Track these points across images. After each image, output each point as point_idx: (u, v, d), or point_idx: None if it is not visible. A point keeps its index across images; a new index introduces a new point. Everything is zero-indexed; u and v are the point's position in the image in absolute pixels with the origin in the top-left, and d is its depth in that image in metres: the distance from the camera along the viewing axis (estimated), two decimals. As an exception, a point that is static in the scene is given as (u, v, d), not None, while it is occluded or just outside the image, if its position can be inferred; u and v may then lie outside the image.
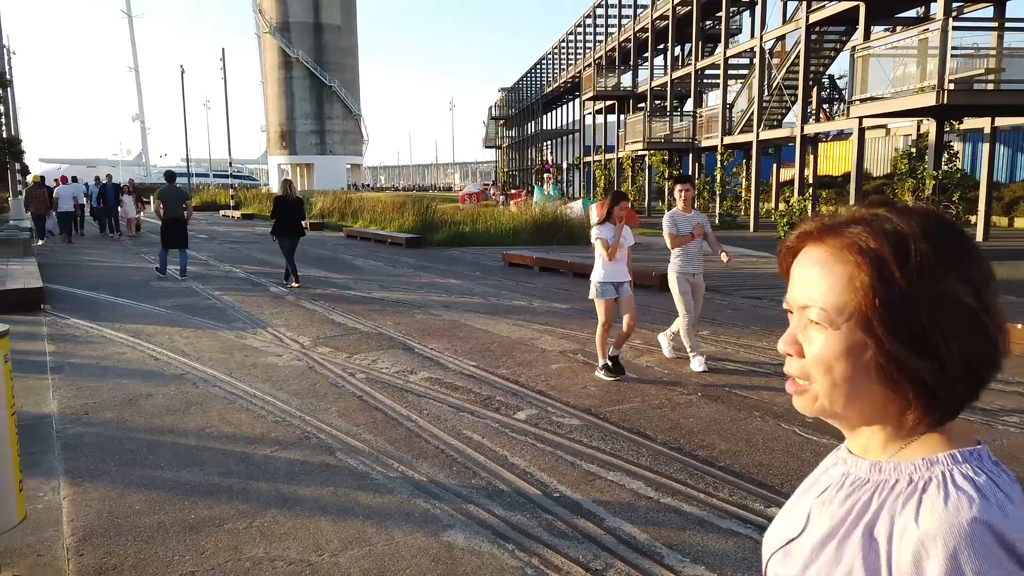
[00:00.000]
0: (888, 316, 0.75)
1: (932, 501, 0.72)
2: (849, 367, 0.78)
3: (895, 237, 0.76)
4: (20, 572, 3.12)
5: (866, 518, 0.77)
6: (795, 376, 0.83)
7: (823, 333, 0.79)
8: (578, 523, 3.55)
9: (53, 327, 8.50)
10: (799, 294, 0.82)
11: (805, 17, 20.39)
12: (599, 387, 5.94)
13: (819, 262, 0.81)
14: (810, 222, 0.84)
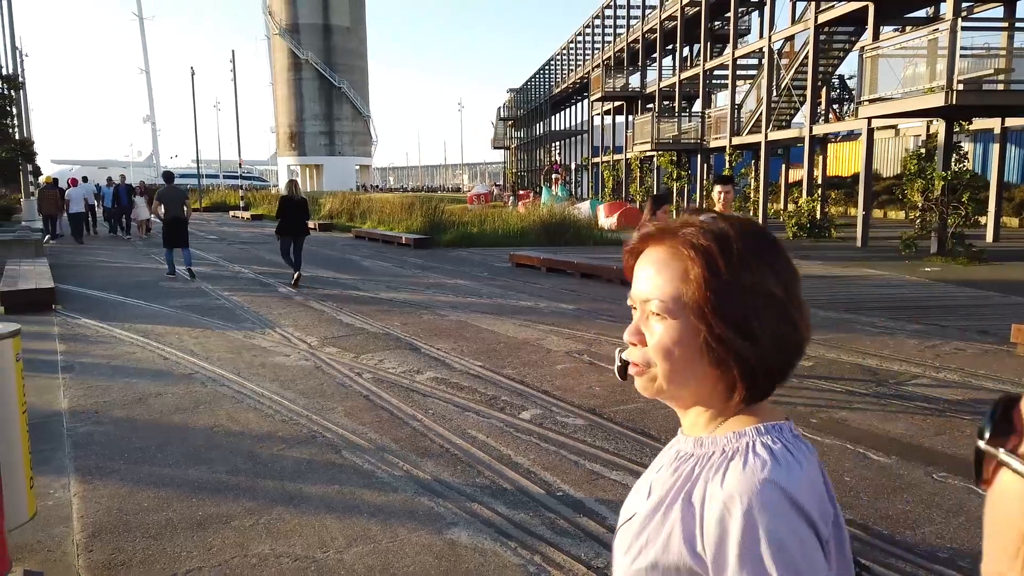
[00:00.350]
0: (717, 303, 0.87)
1: (735, 467, 0.85)
2: (685, 351, 0.89)
3: (720, 236, 0.89)
4: (31, 567, 3.17)
5: (687, 487, 0.88)
6: (638, 362, 0.93)
7: (663, 323, 0.90)
8: (580, 521, 3.58)
9: (64, 327, 8.59)
10: (642, 289, 0.93)
11: (814, 17, 20.34)
12: (604, 387, 5.96)
13: (658, 260, 0.92)
14: (650, 226, 0.95)
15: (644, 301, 0.93)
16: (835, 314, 9.16)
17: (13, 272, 11.61)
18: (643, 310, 0.93)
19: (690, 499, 0.87)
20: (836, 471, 4.21)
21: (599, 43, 43.04)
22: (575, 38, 47.73)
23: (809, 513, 0.81)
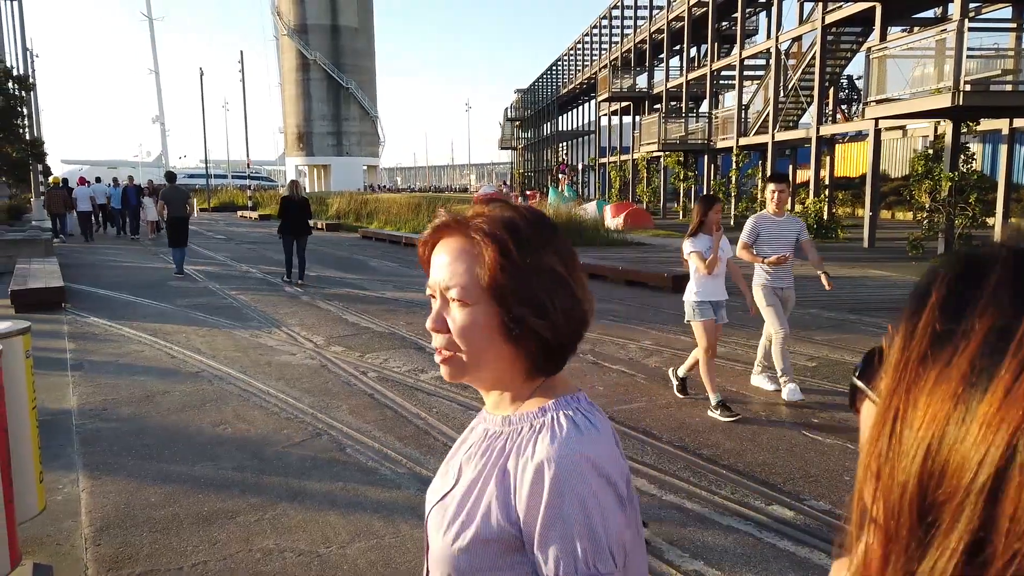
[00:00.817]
0: (513, 285, 0.95)
1: (543, 438, 0.94)
2: (486, 333, 0.96)
3: (510, 224, 0.97)
4: (40, 560, 3.23)
5: (501, 461, 0.97)
6: (442, 348, 0.99)
7: (463, 308, 0.96)
8: (581, 519, 3.62)
9: (73, 325, 8.68)
10: (440, 277, 0.98)
11: (821, 18, 20.32)
12: (607, 387, 6.00)
13: (454, 249, 0.98)
14: (443, 217, 1.01)
15: (444, 289, 0.98)
16: (839, 315, 9.16)
17: (23, 271, 11.72)
18: (443, 297, 0.99)
19: (504, 471, 0.96)
20: (837, 470, 4.23)
21: (606, 44, 43.05)
22: (583, 39, 47.76)
23: (610, 475, 0.92)
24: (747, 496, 3.88)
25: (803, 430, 4.92)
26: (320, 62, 75.44)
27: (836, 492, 3.93)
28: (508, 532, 0.93)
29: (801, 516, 3.66)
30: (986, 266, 0.47)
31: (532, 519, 0.91)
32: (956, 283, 0.47)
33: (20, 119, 27.05)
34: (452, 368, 1.00)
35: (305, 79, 76.89)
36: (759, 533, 3.47)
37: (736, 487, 4.00)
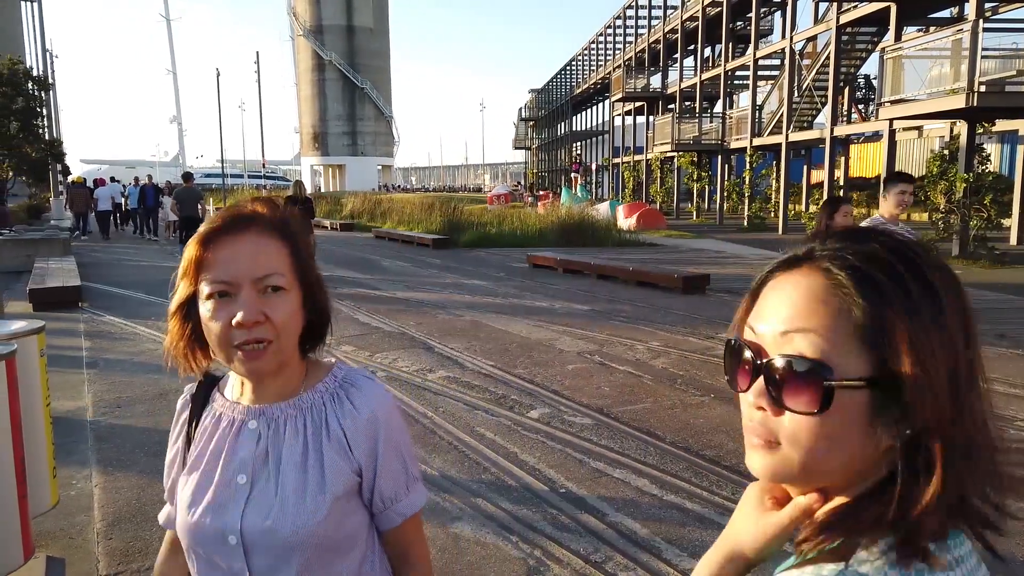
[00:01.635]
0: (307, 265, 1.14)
1: (356, 395, 1.13)
2: (297, 320, 1.11)
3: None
4: (53, 553, 3.32)
5: (322, 431, 1.10)
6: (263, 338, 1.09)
7: (284, 296, 1.09)
8: (581, 518, 3.67)
9: (89, 324, 8.82)
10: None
11: (836, 18, 20.21)
12: (613, 387, 6.03)
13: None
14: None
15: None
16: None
17: (42, 270, 11.91)
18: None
19: (331, 434, 1.10)
20: (838, 472, 4.25)
21: (620, 44, 43.00)
22: (597, 38, 47.73)
23: (400, 408, 1.19)
24: (748, 497, 3.91)
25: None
26: (335, 62, 75.83)
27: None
28: (353, 480, 1.10)
29: (801, 517, 3.68)
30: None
31: (372, 458, 1.11)
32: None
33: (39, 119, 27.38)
34: (271, 360, 1.07)
35: (320, 79, 77.30)
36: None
37: (737, 488, 4.03)
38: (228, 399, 1.15)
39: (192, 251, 1.05)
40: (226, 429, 1.12)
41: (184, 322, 1.09)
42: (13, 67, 24.89)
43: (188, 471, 1.12)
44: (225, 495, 1.07)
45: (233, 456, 1.10)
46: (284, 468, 1.07)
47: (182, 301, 1.08)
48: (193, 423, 1.15)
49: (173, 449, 1.18)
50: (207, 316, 1.03)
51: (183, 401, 1.20)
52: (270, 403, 1.11)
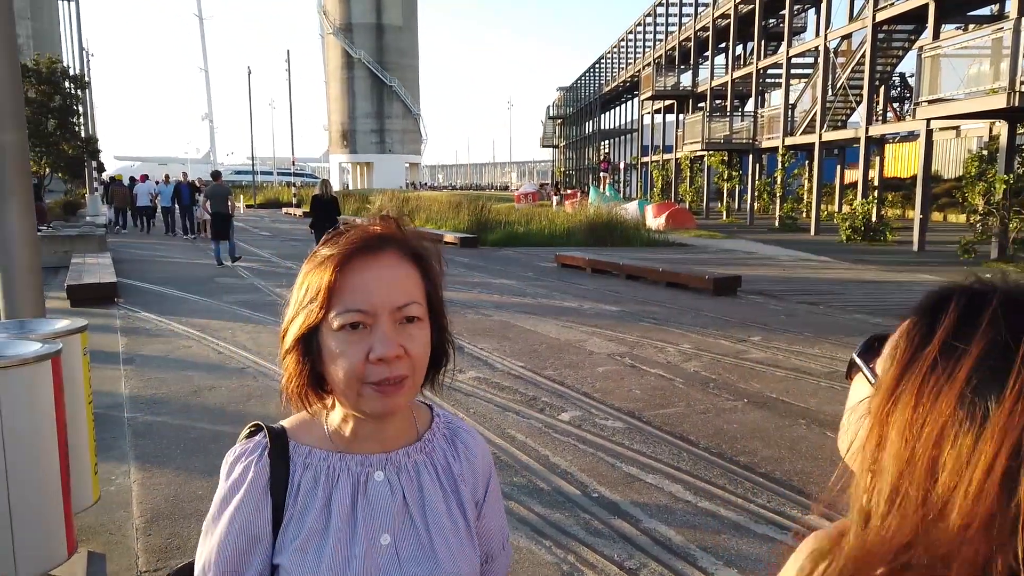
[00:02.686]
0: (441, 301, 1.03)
1: (462, 436, 1.08)
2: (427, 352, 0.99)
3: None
4: (94, 548, 3.38)
5: (446, 477, 1.03)
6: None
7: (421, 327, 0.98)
8: (615, 523, 3.64)
9: (125, 320, 8.97)
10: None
11: (872, 15, 19.87)
12: (644, 391, 5.99)
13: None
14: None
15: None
16: (886, 321, 8.98)
17: (79, 266, 12.14)
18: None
19: (457, 479, 1.03)
20: (876, 481, 4.17)
21: (650, 41, 42.71)
22: (626, 36, 47.46)
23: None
24: (784, 505, 3.86)
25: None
26: (364, 60, 76.29)
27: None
28: (472, 519, 1.04)
29: (839, 527, 3.62)
30: (983, 300, 0.59)
31: (484, 496, 1.07)
32: (964, 310, 0.60)
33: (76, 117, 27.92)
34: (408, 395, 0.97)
35: (349, 77, 77.83)
36: (795, 543, 3.44)
37: (773, 495, 3.98)
38: (326, 451, 0.98)
39: (327, 275, 0.91)
40: (345, 485, 0.96)
41: (303, 357, 0.94)
42: (51, 66, 25.41)
43: (303, 545, 0.93)
44: (371, 561, 0.93)
45: (369, 516, 0.95)
46: (432, 519, 0.98)
47: (304, 332, 0.93)
48: (280, 488, 0.95)
49: (252, 529, 0.93)
50: (337, 349, 0.91)
51: (254, 467, 0.95)
52: (393, 449, 1.00)
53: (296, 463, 0.97)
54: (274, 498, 0.94)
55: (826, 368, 6.68)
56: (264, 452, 0.97)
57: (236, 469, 0.97)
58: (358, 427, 0.98)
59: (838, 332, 8.30)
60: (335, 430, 0.99)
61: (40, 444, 2.75)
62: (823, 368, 6.68)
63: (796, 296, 10.93)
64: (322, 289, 0.91)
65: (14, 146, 4.40)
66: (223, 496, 0.96)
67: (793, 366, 6.80)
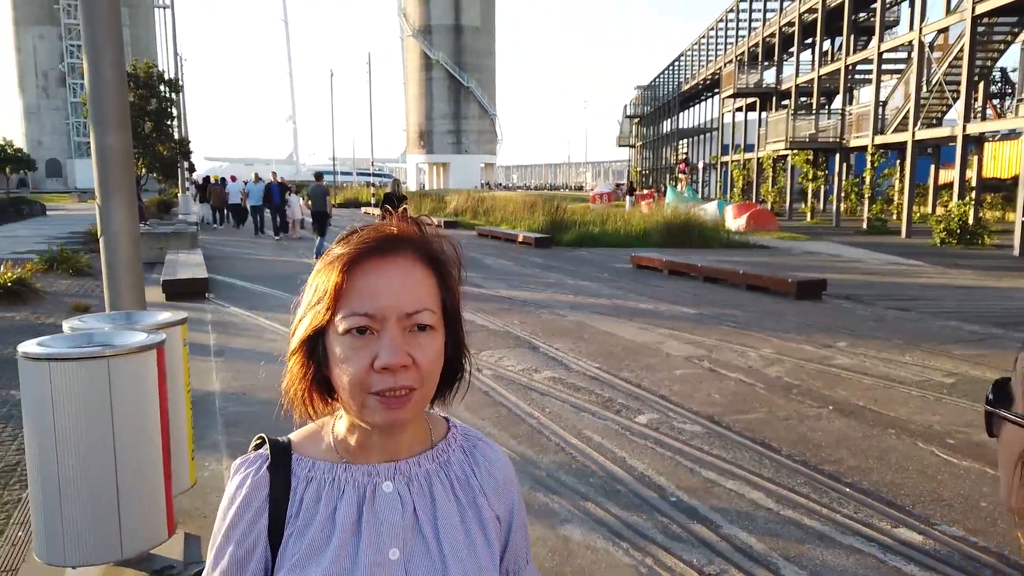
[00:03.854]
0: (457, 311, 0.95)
1: (485, 452, 1.01)
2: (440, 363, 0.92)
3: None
4: (189, 531, 3.55)
5: (463, 490, 0.97)
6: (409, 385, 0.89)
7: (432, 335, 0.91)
8: (694, 528, 3.59)
9: (215, 314, 9.38)
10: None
11: (971, 7, 18.87)
12: (724, 395, 5.88)
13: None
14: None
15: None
16: (982, 329, 8.54)
17: (172, 262, 12.76)
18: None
19: (477, 493, 0.98)
20: (973, 496, 3.98)
21: (732, 38, 41.76)
22: (707, 33, 46.56)
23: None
24: (871, 517, 3.72)
25: (936, 450, 4.64)
26: (442, 61, 77.39)
27: (971, 519, 3.70)
28: (500, 536, 0.99)
29: (931, 541, 3.47)
30: None
31: (508, 521, 1.00)
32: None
33: (170, 120, 29.34)
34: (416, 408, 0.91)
35: (427, 78, 79.11)
36: (883, 555, 3.32)
37: (860, 506, 3.84)
38: (331, 462, 0.94)
39: (334, 276, 0.87)
40: (351, 497, 0.91)
41: (308, 360, 0.90)
42: (148, 71, 26.81)
43: (302, 561, 0.89)
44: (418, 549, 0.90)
45: (375, 529, 0.90)
46: (444, 533, 0.92)
47: (310, 334, 0.89)
48: (281, 502, 0.91)
49: (246, 542, 0.90)
50: (342, 355, 0.86)
51: (251, 479, 0.92)
52: (402, 458, 0.95)
53: (299, 476, 0.92)
54: (273, 513, 0.90)
55: (918, 377, 6.40)
56: (263, 466, 0.93)
57: (234, 481, 0.94)
58: (364, 436, 0.93)
59: (931, 340, 7.93)
60: (341, 439, 0.94)
61: (145, 429, 2.92)
62: (915, 377, 6.40)
63: (885, 301, 10.49)
64: (329, 290, 0.87)
65: (119, 148, 4.67)
66: (223, 508, 0.94)
67: (882, 374, 6.54)
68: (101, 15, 4.44)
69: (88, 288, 11.37)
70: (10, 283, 9.81)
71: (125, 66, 4.78)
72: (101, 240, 4.66)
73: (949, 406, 5.59)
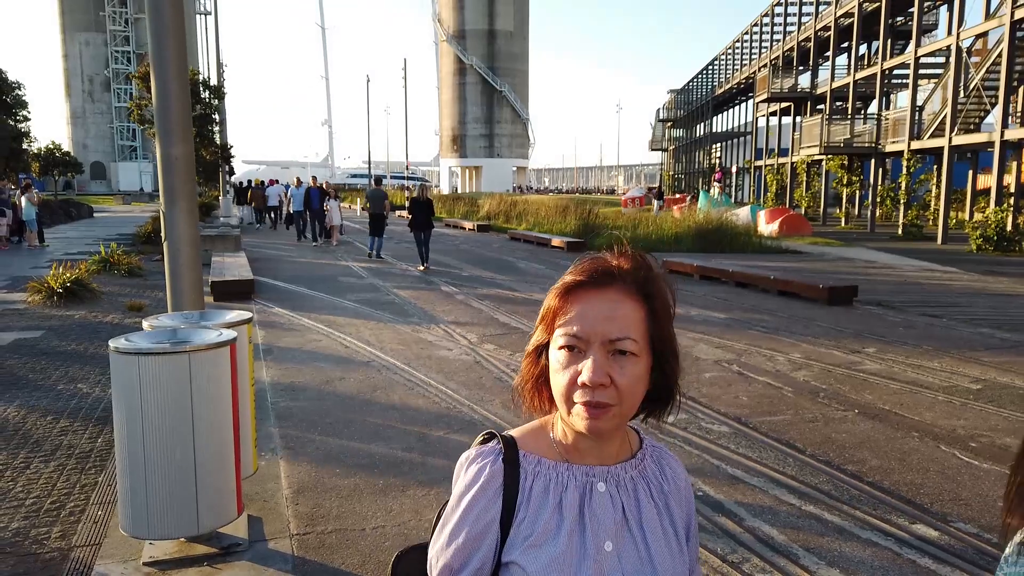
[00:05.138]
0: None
1: (666, 458, 1.15)
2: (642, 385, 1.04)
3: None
4: (252, 513, 3.87)
5: (660, 497, 1.10)
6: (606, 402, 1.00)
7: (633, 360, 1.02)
8: (718, 520, 3.82)
9: (262, 314, 9.78)
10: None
11: (1010, 12, 18.70)
12: (751, 397, 6.07)
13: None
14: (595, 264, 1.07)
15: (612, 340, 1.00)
16: (1016, 336, 8.58)
17: (219, 264, 13.24)
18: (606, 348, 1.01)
19: (669, 500, 1.11)
20: (991, 496, 4.14)
21: (767, 42, 41.56)
22: (742, 37, 46.36)
23: None
24: (890, 513, 3.91)
25: (959, 453, 4.80)
26: (476, 66, 77.92)
27: (987, 516, 3.87)
28: (687, 541, 1.12)
29: (946, 537, 3.65)
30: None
31: (687, 529, 1.13)
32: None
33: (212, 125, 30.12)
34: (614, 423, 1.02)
35: (461, 83, 79.69)
36: (899, 549, 3.52)
37: (879, 503, 4.03)
38: (552, 460, 1.07)
39: (552, 301, 1.04)
40: (573, 492, 1.04)
41: (535, 364, 1.07)
42: (193, 78, 27.58)
43: (537, 542, 1.01)
44: (599, 566, 1.01)
45: (594, 522, 1.03)
46: (649, 532, 1.05)
47: (537, 345, 1.07)
48: (513, 490, 1.04)
49: (483, 520, 1.03)
50: (555, 366, 1.02)
51: (490, 468, 1.05)
52: (611, 463, 1.08)
53: (526, 470, 1.05)
54: (506, 498, 1.03)
55: (945, 383, 6.52)
56: (499, 457, 1.06)
57: (471, 470, 1.06)
58: (579, 441, 1.06)
59: (961, 346, 8.01)
60: (559, 441, 1.07)
61: (219, 418, 3.24)
62: (942, 383, 6.52)
63: (917, 308, 10.54)
64: (548, 312, 1.05)
65: (183, 158, 5.03)
66: (459, 492, 1.06)
67: (910, 379, 6.67)
68: (168, 36, 4.78)
69: (140, 288, 11.90)
70: (68, 283, 10.34)
71: (188, 80, 5.10)
72: (165, 244, 5.02)
73: (975, 411, 5.71)
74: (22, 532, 3.71)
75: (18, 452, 4.80)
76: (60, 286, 10.25)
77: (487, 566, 1.03)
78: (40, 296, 10.24)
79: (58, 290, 10.20)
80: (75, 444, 4.95)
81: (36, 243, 19.26)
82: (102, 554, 3.44)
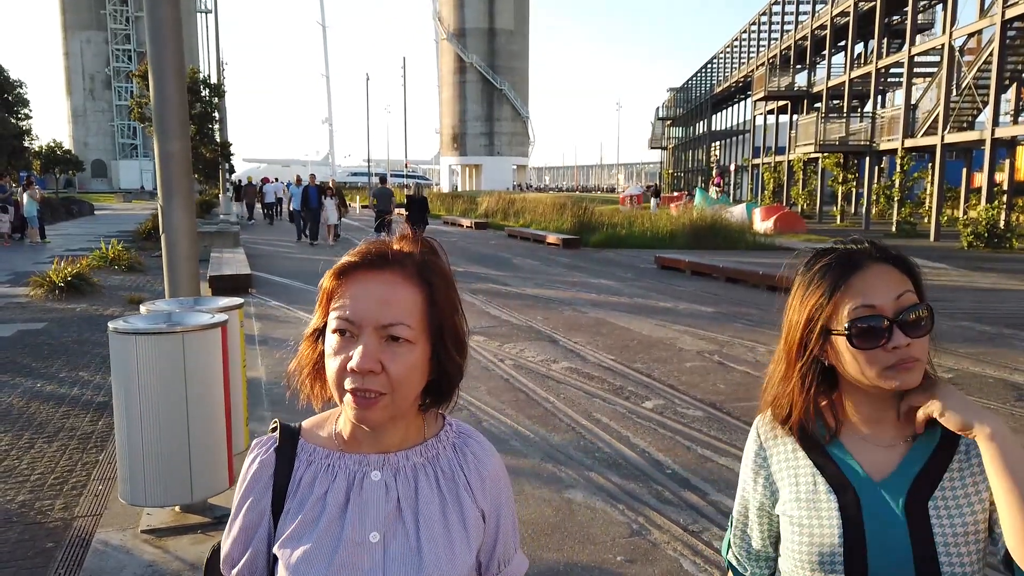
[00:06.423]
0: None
1: (472, 447, 1.09)
2: (419, 372, 0.99)
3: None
4: (243, 488, 4.09)
5: (449, 483, 1.05)
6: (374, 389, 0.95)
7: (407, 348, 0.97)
8: (684, 495, 4.04)
9: (258, 308, 10.01)
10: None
11: (1001, 12, 18.91)
12: (728, 385, 6.29)
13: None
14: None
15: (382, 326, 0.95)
16: (992, 329, 8.80)
17: (217, 259, 13.48)
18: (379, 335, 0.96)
19: (461, 487, 1.05)
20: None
21: (764, 41, 41.78)
22: (740, 35, 46.58)
23: None
24: (847, 489, 4.13)
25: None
26: (476, 64, 78.17)
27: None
28: (481, 531, 1.07)
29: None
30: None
31: (496, 515, 1.08)
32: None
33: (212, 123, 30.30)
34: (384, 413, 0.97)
35: (461, 81, 79.96)
36: (851, 521, 3.73)
37: (838, 481, 4.25)
38: (329, 449, 1.04)
39: (326, 281, 0.99)
40: (341, 483, 1.01)
41: (313, 349, 1.03)
42: (192, 76, 27.76)
43: (295, 534, 0.99)
44: (357, 556, 0.97)
45: (360, 512, 0.99)
46: (424, 523, 1.00)
47: (315, 329, 1.02)
48: (283, 481, 1.02)
49: (254, 512, 1.02)
50: (328, 351, 0.97)
51: (260, 459, 1.05)
52: (392, 451, 1.03)
53: (301, 460, 1.03)
54: (276, 489, 1.02)
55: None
56: (271, 448, 1.05)
57: (248, 458, 1.07)
58: (355, 429, 1.02)
59: (939, 339, 8.20)
60: (339, 431, 1.05)
61: (211, 395, 3.46)
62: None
63: (900, 302, 10.74)
64: (324, 294, 1.00)
65: (179, 153, 5.24)
66: (239, 480, 1.07)
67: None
68: (165, 35, 4.99)
69: (141, 283, 12.14)
70: (70, 278, 10.57)
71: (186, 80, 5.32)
72: (163, 236, 5.24)
73: (941, 398, 5.92)
74: (27, 504, 3.94)
75: (23, 433, 5.03)
76: (62, 280, 10.49)
77: (260, 559, 1.02)
78: (42, 290, 10.48)
79: (60, 284, 10.43)
80: (77, 426, 5.19)
81: (38, 239, 19.51)
82: (102, 523, 3.67)
